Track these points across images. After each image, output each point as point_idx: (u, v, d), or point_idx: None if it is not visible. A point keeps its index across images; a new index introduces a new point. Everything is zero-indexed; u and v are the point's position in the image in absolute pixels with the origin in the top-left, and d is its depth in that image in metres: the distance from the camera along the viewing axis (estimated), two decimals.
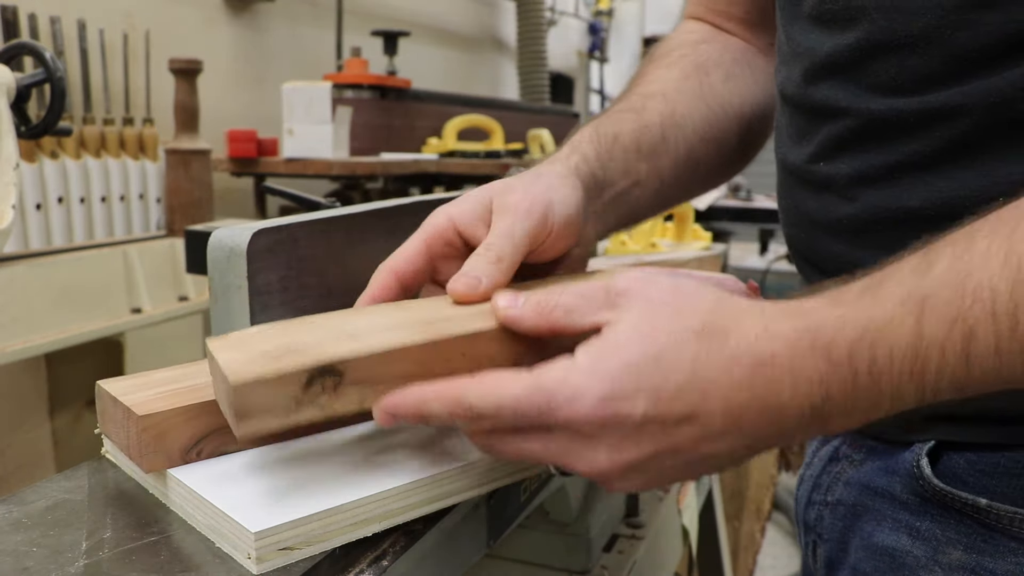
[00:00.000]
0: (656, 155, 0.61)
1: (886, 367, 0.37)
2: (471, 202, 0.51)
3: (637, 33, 4.41)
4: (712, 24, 0.70)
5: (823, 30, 0.51)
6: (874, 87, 0.48)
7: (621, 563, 0.82)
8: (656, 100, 0.63)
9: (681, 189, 0.66)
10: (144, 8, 1.55)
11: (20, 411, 1.25)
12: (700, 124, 0.63)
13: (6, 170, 0.95)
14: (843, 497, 0.54)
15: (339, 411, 0.40)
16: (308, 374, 0.39)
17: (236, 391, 0.37)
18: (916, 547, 0.49)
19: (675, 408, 0.38)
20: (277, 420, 0.39)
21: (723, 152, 0.66)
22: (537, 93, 2.88)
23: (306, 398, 0.39)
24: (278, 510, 0.39)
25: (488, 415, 0.39)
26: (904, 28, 0.45)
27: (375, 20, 2.23)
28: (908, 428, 0.50)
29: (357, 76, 1.75)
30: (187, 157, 1.40)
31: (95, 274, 1.19)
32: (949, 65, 0.44)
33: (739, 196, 2.40)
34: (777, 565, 2.29)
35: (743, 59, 0.67)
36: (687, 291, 0.41)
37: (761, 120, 0.68)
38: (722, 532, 1.31)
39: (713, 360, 0.38)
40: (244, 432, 0.38)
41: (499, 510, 0.52)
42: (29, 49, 1.01)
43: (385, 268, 0.51)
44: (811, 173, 0.53)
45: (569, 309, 0.41)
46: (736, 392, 0.38)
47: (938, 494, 0.48)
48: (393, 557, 0.41)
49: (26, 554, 0.38)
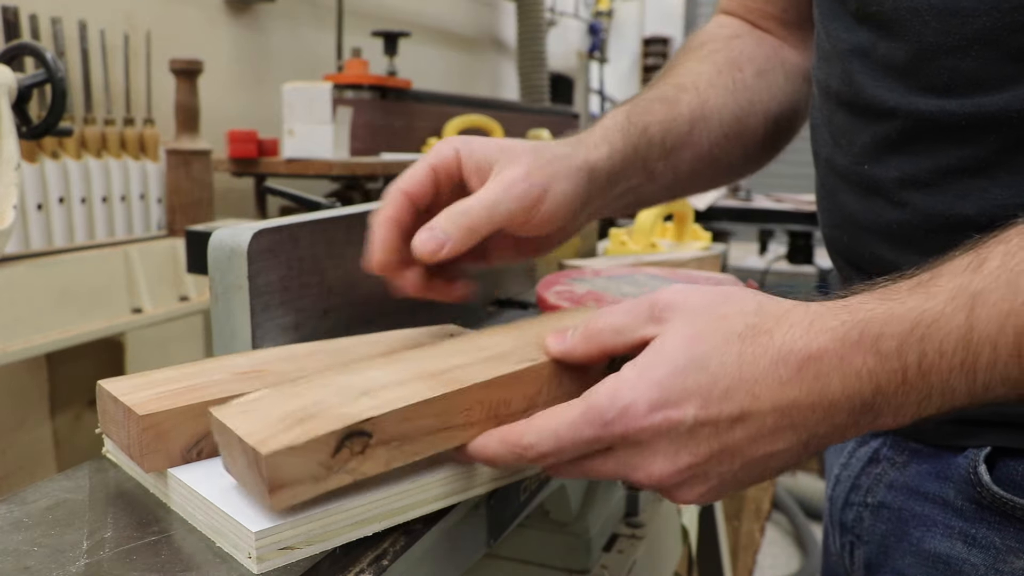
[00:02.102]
0: (678, 150, 0.61)
1: (936, 361, 0.36)
2: (480, 149, 0.51)
3: (637, 34, 4.41)
4: (746, 20, 0.70)
5: (870, 29, 0.50)
6: (926, 89, 0.47)
7: (621, 563, 0.82)
8: (688, 93, 0.62)
9: (697, 182, 0.66)
10: (145, 9, 1.55)
11: (21, 411, 1.25)
12: (728, 119, 0.63)
13: (7, 170, 0.96)
14: (886, 500, 0.54)
15: (367, 474, 0.40)
16: (337, 437, 0.38)
17: (268, 462, 0.36)
18: (973, 555, 0.48)
19: (725, 409, 0.38)
20: (309, 490, 0.38)
21: (747, 149, 0.66)
22: (537, 93, 2.88)
23: (335, 463, 0.38)
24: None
25: (550, 451, 0.40)
26: (959, 31, 0.44)
27: (375, 20, 2.23)
28: (960, 433, 0.49)
29: (357, 77, 1.75)
30: (188, 157, 1.40)
31: (96, 274, 1.19)
32: (1005, 68, 0.43)
33: (739, 196, 2.40)
34: (776, 565, 2.29)
35: (776, 56, 0.67)
36: (729, 297, 0.41)
37: (789, 118, 0.68)
38: (722, 532, 1.31)
39: (759, 359, 0.38)
40: (278, 504, 0.37)
41: (499, 510, 0.53)
42: (30, 50, 1.01)
43: (396, 189, 0.51)
44: (856, 174, 0.52)
45: (617, 329, 0.42)
46: (785, 389, 0.38)
47: (997, 501, 0.47)
48: (393, 557, 0.42)
49: (27, 553, 0.39)
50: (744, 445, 0.39)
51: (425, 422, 0.41)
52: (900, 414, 0.38)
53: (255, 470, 0.37)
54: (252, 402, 0.41)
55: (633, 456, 0.40)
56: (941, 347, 0.36)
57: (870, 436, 0.56)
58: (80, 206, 1.38)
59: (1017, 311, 0.35)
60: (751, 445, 0.39)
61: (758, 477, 0.41)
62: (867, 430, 0.39)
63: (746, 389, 0.38)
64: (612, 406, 0.39)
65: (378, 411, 0.39)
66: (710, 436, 0.38)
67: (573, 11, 3.83)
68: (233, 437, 0.38)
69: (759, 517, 1.84)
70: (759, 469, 0.40)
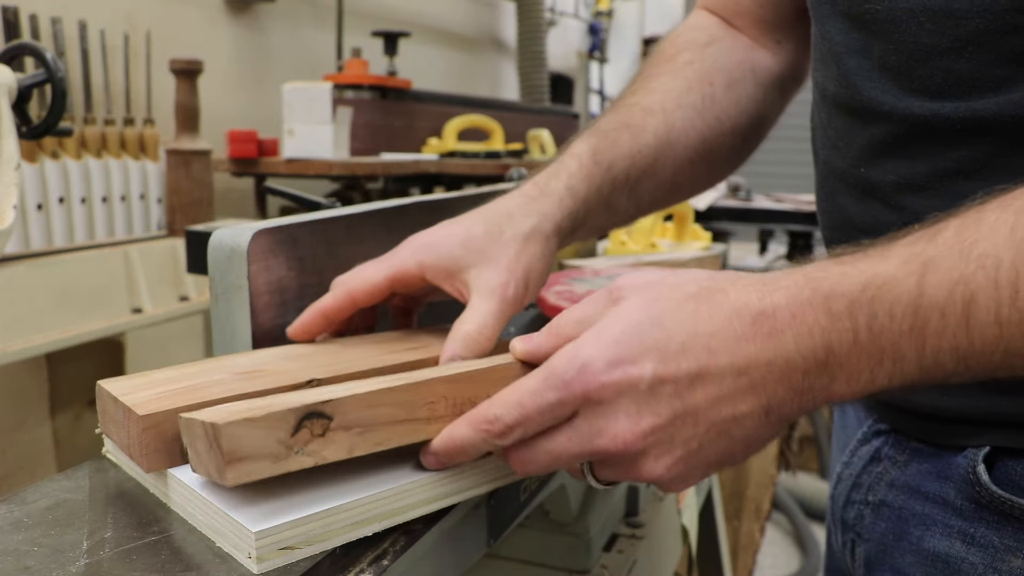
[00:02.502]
0: (642, 182, 0.62)
1: (886, 324, 0.37)
2: (445, 255, 0.53)
3: (637, 34, 4.41)
4: (722, 18, 0.70)
5: (864, 31, 0.50)
6: (919, 91, 0.47)
7: (621, 563, 0.82)
8: (655, 117, 0.63)
9: (656, 207, 0.68)
10: (145, 9, 1.55)
11: (21, 411, 1.25)
12: (694, 142, 0.64)
13: (7, 171, 0.96)
14: (887, 498, 0.54)
15: (329, 459, 0.40)
16: (297, 415, 0.39)
17: (224, 433, 0.37)
18: (972, 554, 0.48)
19: (683, 366, 0.38)
20: (267, 468, 0.38)
21: (712, 168, 0.67)
22: (537, 93, 2.88)
23: (295, 443, 0.39)
24: (279, 510, 0.39)
25: (515, 421, 0.40)
26: (953, 32, 0.45)
27: (375, 21, 2.23)
28: (960, 432, 0.49)
29: (357, 76, 1.75)
30: (188, 157, 1.40)
31: (96, 274, 1.19)
32: (999, 70, 0.43)
33: (739, 196, 2.40)
34: (776, 565, 2.29)
35: (747, 62, 0.67)
36: (684, 272, 0.42)
37: (756, 129, 0.68)
38: (722, 532, 1.31)
39: (714, 315, 0.39)
40: (233, 478, 0.37)
41: (499, 510, 0.53)
42: (30, 50, 1.01)
43: (345, 289, 0.53)
44: (854, 177, 0.52)
45: (579, 320, 0.43)
46: (741, 344, 0.38)
47: (996, 500, 0.47)
48: (393, 557, 0.42)
49: (27, 553, 0.39)
50: (706, 407, 0.39)
51: (387, 410, 0.41)
52: (853, 380, 0.38)
53: (215, 448, 0.37)
54: (220, 407, 0.42)
55: (596, 419, 0.40)
56: (891, 310, 0.36)
57: (872, 435, 0.56)
58: (80, 206, 1.38)
59: (966, 280, 0.35)
60: (713, 407, 0.39)
61: (725, 451, 0.40)
62: (823, 400, 0.39)
63: (702, 344, 0.38)
64: (571, 366, 0.39)
65: (338, 395, 0.40)
66: (671, 396, 0.39)
67: (573, 11, 3.83)
68: (196, 426, 0.39)
69: (759, 517, 1.84)
70: (724, 440, 0.40)
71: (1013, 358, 0.36)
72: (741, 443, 0.40)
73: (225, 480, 0.37)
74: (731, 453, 0.41)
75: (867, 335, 0.37)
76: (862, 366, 0.38)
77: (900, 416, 0.54)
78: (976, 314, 0.35)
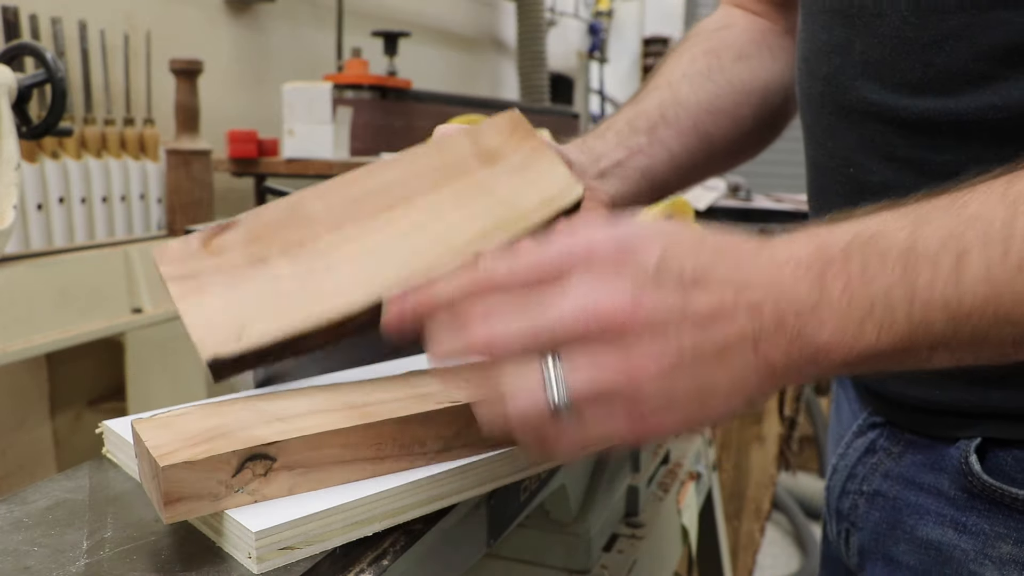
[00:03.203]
0: (655, 129, 0.62)
1: (878, 271, 0.36)
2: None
3: (637, 34, 4.41)
4: (742, 7, 0.71)
5: (848, 27, 0.50)
6: (900, 85, 0.47)
7: (621, 563, 0.82)
8: (659, 90, 0.64)
9: (699, 160, 0.65)
10: (145, 9, 1.55)
11: (21, 411, 1.25)
12: (705, 99, 0.64)
13: (7, 170, 0.96)
14: (882, 488, 0.55)
15: (269, 497, 0.40)
16: (239, 457, 0.39)
17: (165, 475, 0.37)
18: (963, 541, 0.49)
19: (688, 264, 0.36)
20: (206, 506, 0.39)
21: (739, 126, 0.66)
22: (537, 93, 2.88)
23: (236, 483, 0.39)
24: (278, 509, 0.39)
25: (504, 271, 0.37)
26: (936, 26, 0.45)
27: (375, 20, 2.23)
28: (953, 424, 0.50)
29: (357, 76, 1.75)
30: (188, 157, 1.40)
31: (96, 274, 1.19)
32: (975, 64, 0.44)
33: (739, 196, 2.40)
34: (776, 565, 2.29)
35: (763, 40, 0.68)
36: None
37: (781, 97, 0.68)
38: (722, 532, 1.31)
39: (721, 240, 0.38)
40: (170, 517, 0.38)
41: (499, 510, 0.53)
42: (30, 50, 1.01)
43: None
44: (843, 176, 0.53)
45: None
46: (744, 262, 0.37)
47: (987, 489, 0.48)
48: (393, 557, 0.42)
49: (27, 553, 0.39)
50: (703, 316, 0.36)
51: (332, 451, 0.41)
52: (841, 330, 0.36)
53: (156, 481, 0.38)
54: (172, 416, 0.43)
55: (596, 281, 0.36)
56: (883, 257, 0.36)
57: (867, 427, 0.57)
58: (80, 206, 1.38)
59: (958, 236, 0.35)
60: (709, 319, 0.36)
61: (707, 384, 0.36)
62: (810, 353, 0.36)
63: (710, 249, 0.37)
64: (573, 239, 0.37)
65: (284, 436, 0.40)
66: (675, 287, 0.36)
67: (573, 11, 3.83)
68: (143, 448, 0.40)
69: (759, 517, 1.84)
70: (710, 367, 0.36)
71: (1002, 325, 0.35)
72: (725, 380, 0.37)
73: (163, 516, 0.38)
74: (712, 388, 0.37)
75: (859, 281, 0.36)
76: (852, 315, 0.36)
77: (894, 408, 0.55)
78: (967, 270, 0.35)
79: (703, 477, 1.14)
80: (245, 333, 0.46)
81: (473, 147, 0.53)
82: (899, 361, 0.37)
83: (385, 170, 0.52)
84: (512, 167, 0.52)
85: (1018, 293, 0.34)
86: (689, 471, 1.08)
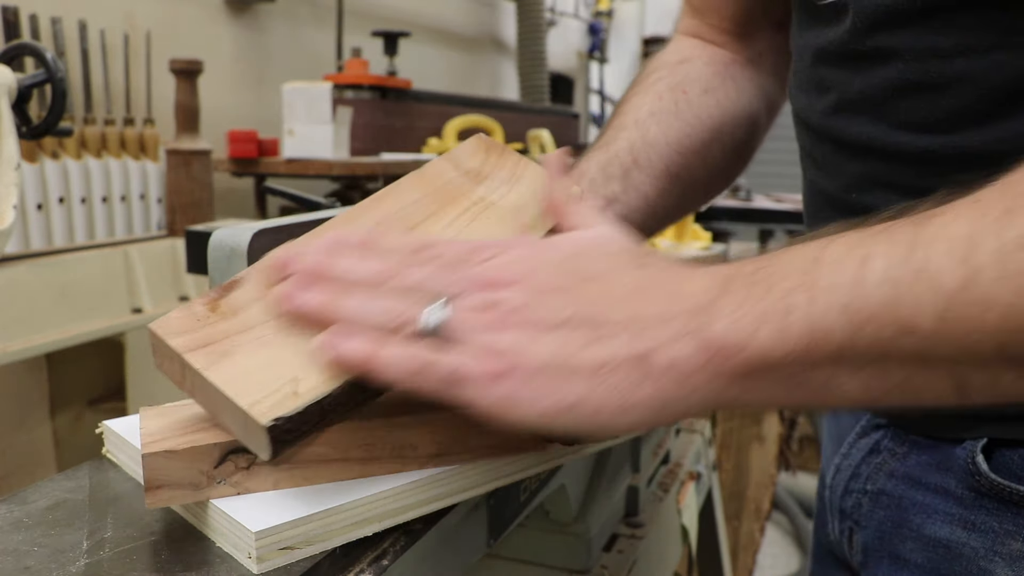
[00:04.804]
0: (628, 175, 0.62)
1: (780, 277, 0.35)
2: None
3: (637, 34, 4.41)
4: (700, 38, 0.70)
5: (847, 68, 0.50)
6: (905, 125, 0.48)
7: (621, 563, 0.82)
8: (627, 130, 0.64)
9: (673, 202, 0.66)
10: (145, 9, 1.55)
11: (21, 411, 1.25)
12: (675, 139, 0.64)
13: (7, 170, 0.96)
14: (886, 488, 0.55)
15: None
16: (221, 449, 0.39)
17: (146, 462, 0.38)
18: (973, 539, 0.50)
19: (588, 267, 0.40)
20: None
21: (708, 164, 0.66)
22: (537, 93, 2.88)
23: (218, 474, 0.40)
24: (278, 509, 0.39)
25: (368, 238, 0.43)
26: (938, 69, 0.45)
27: (375, 20, 2.23)
28: (958, 426, 0.50)
29: (357, 76, 1.75)
30: (188, 157, 1.40)
31: (96, 274, 1.19)
32: (983, 106, 0.44)
33: (739, 196, 2.40)
34: (776, 565, 2.30)
35: (725, 72, 0.67)
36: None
37: (748, 129, 0.68)
38: (722, 532, 1.31)
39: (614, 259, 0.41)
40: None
41: (499, 510, 0.53)
42: (30, 50, 1.01)
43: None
44: (844, 201, 0.53)
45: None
46: (634, 277, 0.39)
47: (995, 488, 0.49)
48: (393, 557, 0.42)
49: (27, 553, 0.39)
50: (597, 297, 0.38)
51: (318, 449, 0.41)
52: (735, 324, 0.35)
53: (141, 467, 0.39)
54: (178, 407, 0.43)
55: (468, 245, 0.41)
56: (787, 266, 0.36)
57: (871, 428, 0.57)
58: (80, 206, 1.38)
59: (865, 244, 0.35)
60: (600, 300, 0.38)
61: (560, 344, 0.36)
62: (702, 338, 0.36)
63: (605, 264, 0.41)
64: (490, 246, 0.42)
65: None
66: (571, 271, 0.40)
67: (573, 11, 3.83)
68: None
69: (759, 517, 1.84)
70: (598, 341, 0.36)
71: (903, 335, 0.33)
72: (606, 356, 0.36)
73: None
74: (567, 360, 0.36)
75: (761, 287, 0.35)
76: (747, 310, 0.35)
77: (899, 411, 0.55)
78: (869, 274, 0.33)
79: (703, 477, 1.14)
80: (301, 386, 0.39)
81: (456, 171, 0.52)
82: (800, 379, 0.35)
83: (381, 203, 0.50)
84: (504, 180, 0.52)
85: (918, 297, 0.33)
86: (689, 471, 1.09)
